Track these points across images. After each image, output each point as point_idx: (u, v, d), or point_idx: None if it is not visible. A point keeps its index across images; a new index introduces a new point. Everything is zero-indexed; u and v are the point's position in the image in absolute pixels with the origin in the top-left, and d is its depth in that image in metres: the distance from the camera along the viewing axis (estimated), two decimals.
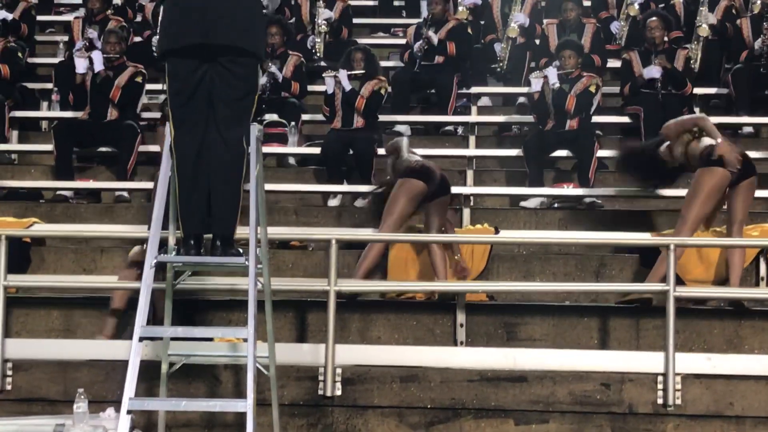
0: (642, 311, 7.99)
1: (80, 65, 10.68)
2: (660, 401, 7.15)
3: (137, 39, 12.18)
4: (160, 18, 6.29)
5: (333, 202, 10.26)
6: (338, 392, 7.26)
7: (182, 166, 5.90)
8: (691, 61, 11.14)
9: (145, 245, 7.81)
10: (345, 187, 10.22)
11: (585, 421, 7.19)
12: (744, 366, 7.31)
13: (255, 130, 5.99)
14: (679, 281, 7.63)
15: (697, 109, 11.05)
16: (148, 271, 5.78)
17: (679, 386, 7.13)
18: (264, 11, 11.16)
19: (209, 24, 5.84)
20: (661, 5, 12.16)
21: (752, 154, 9.85)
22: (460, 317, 8.03)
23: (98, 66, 10.56)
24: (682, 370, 7.17)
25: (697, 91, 11.01)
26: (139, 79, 10.63)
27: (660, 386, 7.15)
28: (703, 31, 11.45)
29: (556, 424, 7.22)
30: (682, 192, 8.90)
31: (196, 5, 5.88)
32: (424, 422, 7.26)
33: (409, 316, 8.21)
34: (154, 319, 7.20)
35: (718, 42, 11.67)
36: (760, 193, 9.55)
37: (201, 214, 5.91)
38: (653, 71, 10.56)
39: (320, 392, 7.26)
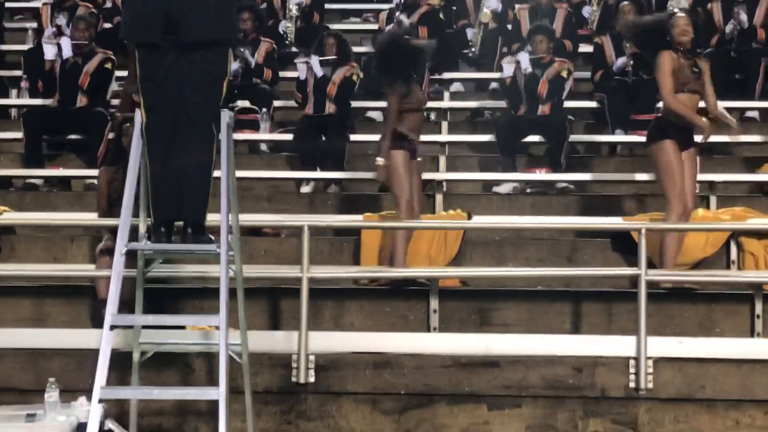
0: (614, 295, 8.05)
1: (49, 52, 10.61)
2: (632, 385, 7.17)
3: (107, 25, 12.10)
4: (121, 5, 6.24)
5: (305, 189, 10.26)
6: (311, 379, 7.25)
7: (153, 152, 5.88)
8: None
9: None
10: (317, 174, 10.21)
11: (557, 405, 7.22)
12: (715, 349, 7.34)
13: (226, 116, 5.97)
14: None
15: None
16: (119, 259, 5.75)
17: (650, 370, 7.16)
18: None
19: (177, 18, 5.79)
20: None
21: (722, 138, 9.97)
22: (434, 303, 8.06)
23: (67, 52, 10.51)
24: (653, 354, 7.21)
25: None
26: (108, 66, 10.57)
27: (632, 370, 7.17)
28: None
29: (528, 408, 7.24)
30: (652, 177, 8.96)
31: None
32: (398, 408, 7.28)
33: (382, 303, 8.22)
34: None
35: None
36: (732, 177, 9.68)
37: (172, 201, 5.89)
38: (619, 62, 10.64)
39: (293, 379, 7.25)
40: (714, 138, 9.15)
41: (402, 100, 8.42)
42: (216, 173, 5.98)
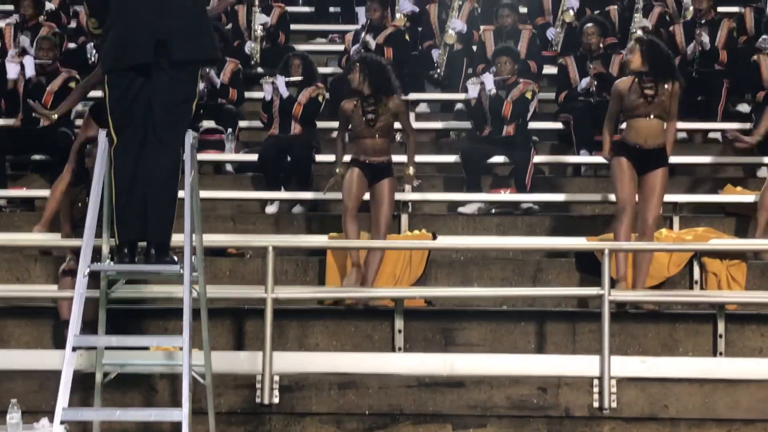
0: (578, 315, 8.09)
1: (11, 71, 10.57)
2: (596, 404, 7.22)
3: (71, 45, 12.06)
4: (104, 33, 6.19)
5: (270, 209, 10.25)
6: (276, 400, 7.26)
7: (119, 172, 5.86)
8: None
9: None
10: (283, 194, 10.21)
11: (522, 425, 7.26)
12: (678, 369, 7.42)
13: (189, 137, 5.98)
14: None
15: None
16: (81, 280, 5.73)
17: (614, 389, 7.21)
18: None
19: (167, 39, 5.81)
20: (597, 11, 12.31)
21: (685, 159, 10.06)
22: (399, 323, 8.07)
23: (30, 72, 10.47)
24: (617, 374, 7.26)
25: None
26: (72, 85, 10.52)
27: (596, 389, 7.22)
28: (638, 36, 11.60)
29: (493, 428, 7.28)
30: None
31: (144, 22, 5.83)
32: (362, 428, 7.29)
33: (347, 323, 8.24)
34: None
35: None
36: (695, 198, 9.76)
37: (137, 222, 5.87)
38: (583, 83, 10.75)
39: (258, 400, 7.26)
40: (676, 159, 9.27)
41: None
42: (180, 193, 5.97)
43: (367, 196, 8.67)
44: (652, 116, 8.30)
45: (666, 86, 8.31)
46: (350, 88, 8.91)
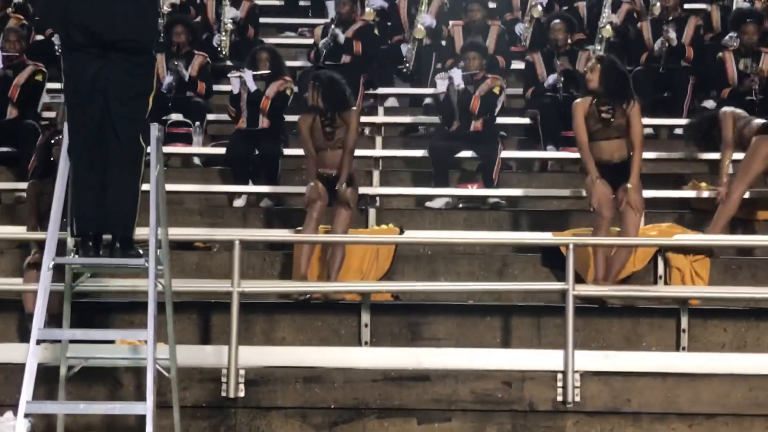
0: (543, 309, 8.13)
1: None
2: (560, 398, 7.26)
3: (39, 37, 12.01)
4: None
5: (238, 203, 10.26)
6: (241, 393, 7.26)
7: (78, 165, 5.87)
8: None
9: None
10: (250, 188, 10.22)
11: (486, 420, 7.29)
12: (641, 363, 7.48)
13: (155, 129, 5.98)
14: None
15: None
16: (46, 273, 5.73)
17: (578, 383, 7.25)
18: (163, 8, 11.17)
19: (102, 17, 5.80)
20: (565, 8, 12.37)
21: (650, 155, 10.11)
22: (365, 317, 8.11)
23: None
24: (581, 368, 7.30)
25: None
26: (39, 78, 10.50)
27: (560, 384, 7.26)
28: (607, 32, 11.69)
29: (458, 422, 7.30)
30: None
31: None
32: (328, 423, 7.31)
33: (313, 317, 8.26)
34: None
35: (619, 44, 11.91)
36: (658, 194, 9.82)
37: (96, 215, 5.86)
38: (551, 79, 10.80)
39: (223, 394, 7.26)
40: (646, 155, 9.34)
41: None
42: (146, 186, 5.97)
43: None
44: (612, 138, 8.42)
45: (624, 107, 8.38)
46: (307, 105, 9.07)
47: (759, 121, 9.39)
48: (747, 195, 9.27)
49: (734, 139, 9.42)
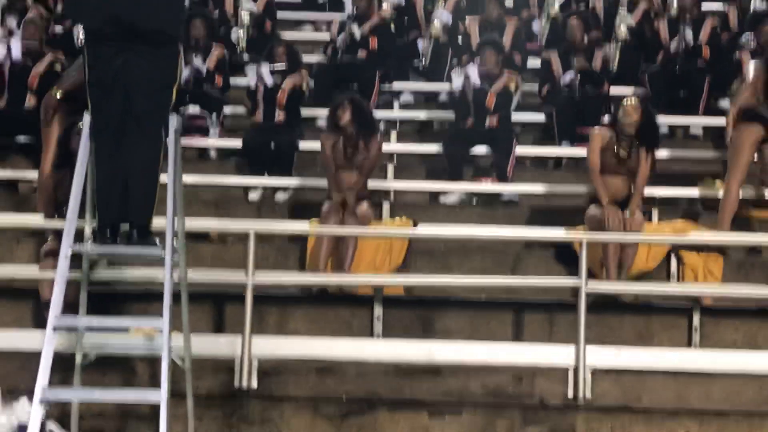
0: (555, 305, 8.14)
1: None
2: (570, 394, 7.30)
3: (58, 28, 12.05)
4: None
5: (253, 196, 10.28)
6: (254, 384, 7.32)
7: (99, 155, 5.91)
8: (610, 62, 11.38)
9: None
10: (266, 181, 10.25)
11: (497, 413, 7.32)
12: (652, 360, 7.50)
13: (174, 121, 6.02)
14: None
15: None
16: (63, 261, 5.76)
17: (589, 380, 7.29)
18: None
19: (133, 8, 5.82)
20: (582, 5, 12.36)
21: (665, 153, 10.10)
22: (378, 310, 8.14)
23: (16, 54, 10.48)
24: (592, 364, 7.34)
25: (615, 91, 11.22)
26: (57, 67, 10.53)
27: (571, 379, 7.31)
28: (622, 32, 11.67)
29: (468, 416, 7.34)
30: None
31: None
32: (340, 414, 7.35)
33: (326, 309, 8.30)
34: None
35: (635, 43, 11.89)
36: (673, 192, 9.82)
37: (117, 204, 5.90)
38: (567, 77, 10.80)
39: (236, 384, 7.32)
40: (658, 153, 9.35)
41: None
42: (163, 177, 5.99)
43: None
44: (620, 174, 8.66)
45: (641, 151, 8.61)
46: (333, 119, 9.08)
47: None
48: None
49: None
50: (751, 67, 9.55)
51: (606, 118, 9.99)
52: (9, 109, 10.52)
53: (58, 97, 8.73)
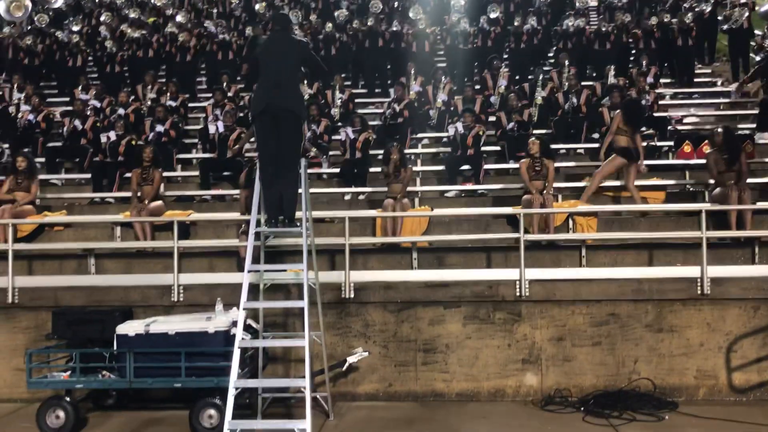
0: (509, 248, 7.98)
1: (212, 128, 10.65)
2: (518, 294, 7.24)
3: (240, 114, 12.08)
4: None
5: (346, 197, 10.27)
6: (352, 295, 7.30)
7: (265, 184, 6.00)
8: (532, 116, 11.29)
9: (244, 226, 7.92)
10: (353, 189, 10.20)
11: (480, 306, 7.28)
12: (561, 274, 7.39)
13: (303, 161, 6.11)
14: None
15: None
16: (251, 236, 5.91)
17: (527, 286, 7.22)
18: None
19: (280, 95, 5.85)
20: (516, 87, 12.21)
21: (564, 164, 9.83)
22: (414, 254, 8.06)
23: (221, 129, 10.53)
24: (529, 277, 7.27)
25: (536, 131, 11.02)
26: (242, 135, 10.43)
27: (518, 286, 7.24)
28: (538, 100, 11.52)
29: (464, 307, 7.29)
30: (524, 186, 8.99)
31: (272, 83, 5.88)
32: (397, 309, 7.29)
33: (387, 255, 8.16)
34: None
35: (546, 105, 11.65)
36: (569, 184, 9.61)
37: (276, 207, 6.00)
38: (509, 125, 10.68)
39: (343, 296, 7.31)
40: (558, 164, 9.15)
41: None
42: (300, 191, 6.09)
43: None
44: (539, 178, 8.59)
45: (548, 163, 8.56)
46: (387, 156, 9.07)
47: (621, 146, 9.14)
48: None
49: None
50: (612, 116, 9.50)
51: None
52: (218, 158, 10.62)
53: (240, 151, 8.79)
